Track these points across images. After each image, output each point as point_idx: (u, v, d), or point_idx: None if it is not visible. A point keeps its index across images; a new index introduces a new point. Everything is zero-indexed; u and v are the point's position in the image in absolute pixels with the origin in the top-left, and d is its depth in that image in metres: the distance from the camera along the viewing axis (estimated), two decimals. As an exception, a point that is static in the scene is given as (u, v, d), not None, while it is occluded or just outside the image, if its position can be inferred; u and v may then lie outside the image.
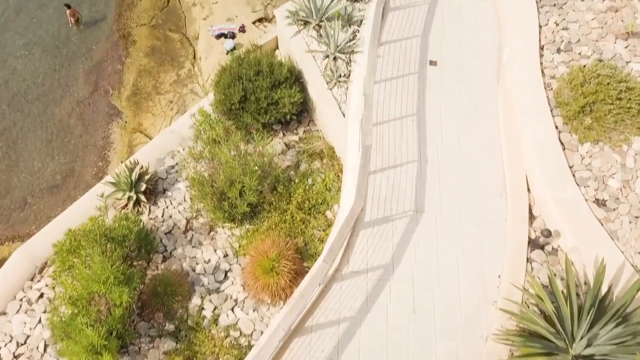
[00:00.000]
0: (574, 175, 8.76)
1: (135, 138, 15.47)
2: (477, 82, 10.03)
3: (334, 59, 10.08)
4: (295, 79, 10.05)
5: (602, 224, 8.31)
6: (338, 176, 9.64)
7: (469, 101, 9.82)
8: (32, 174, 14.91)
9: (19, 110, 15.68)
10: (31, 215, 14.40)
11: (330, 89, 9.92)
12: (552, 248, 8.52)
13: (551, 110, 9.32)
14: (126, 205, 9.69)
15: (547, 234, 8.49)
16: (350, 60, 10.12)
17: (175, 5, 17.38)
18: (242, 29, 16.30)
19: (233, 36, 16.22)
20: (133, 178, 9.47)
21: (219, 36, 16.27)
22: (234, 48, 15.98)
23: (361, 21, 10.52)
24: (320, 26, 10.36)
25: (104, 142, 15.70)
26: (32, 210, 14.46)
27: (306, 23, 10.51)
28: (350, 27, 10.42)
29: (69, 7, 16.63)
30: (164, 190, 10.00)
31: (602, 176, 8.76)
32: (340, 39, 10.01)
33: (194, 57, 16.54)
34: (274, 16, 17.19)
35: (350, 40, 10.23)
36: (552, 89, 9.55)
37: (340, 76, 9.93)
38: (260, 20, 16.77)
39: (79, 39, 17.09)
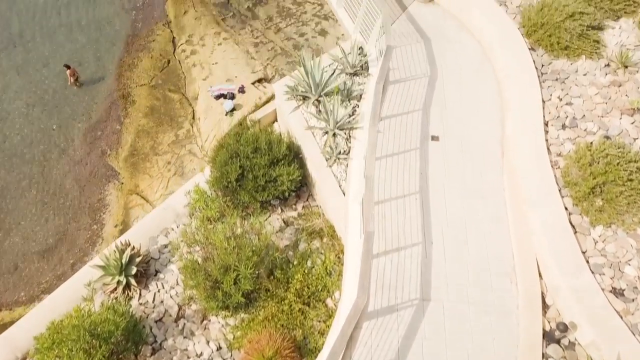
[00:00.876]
0: (587, 262, 8.10)
1: (131, 200, 14.83)
2: (480, 158, 9.50)
3: (334, 135, 9.57)
4: (294, 155, 9.51)
5: (621, 317, 7.59)
6: (339, 258, 8.97)
7: (473, 179, 9.26)
8: (24, 237, 14.21)
9: (15, 170, 15.11)
10: (21, 281, 13.61)
11: (330, 166, 9.37)
12: (569, 342, 7.77)
13: (559, 190, 8.75)
14: (115, 289, 8.96)
15: (564, 328, 7.76)
16: (350, 137, 9.62)
17: (175, 66, 17.07)
18: (242, 90, 15.96)
19: (232, 97, 15.86)
20: (123, 261, 8.78)
21: (218, 97, 15.92)
22: (234, 109, 15.60)
23: (361, 95, 10.08)
24: (319, 101, 9.91)
25: (99, 204, 15.05)
26: (22, 275, 13.68)
27: (305, 98, 10.06)
28: (349, 102, 9.98)
29: (68, 67, 16.33)
30: (156, 272, 9.29)
31: (618, 262, 8.10)
32: (339, 115, 9.53)
33: (193, 118, 16.10)
34: (273, 76, 16.94)
35: (350, 116, 9.75)
36: (559, 167, 9.01)
37: (340, 153, 9.40)
38: (259, 80, 16.45)
39: (78, 98, 16.70)
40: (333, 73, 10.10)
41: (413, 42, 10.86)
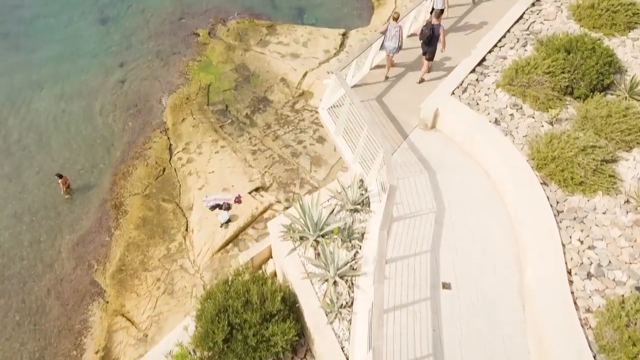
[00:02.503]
0: None
1: (115, 322, 13.19)
2: (500, 311, 8.12)
3: (334, 283, 8.22)
4: (290, 308, 8.10)
5: None
6: None
7: (493, 337, 7.81)
8: (-6, 364, 12.41)
9: (-8, 289, 13.58)
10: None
11: (331, 322, 7.94)
12: None
13: (594, 357, 7.27)
14: None
15: None
16: (352, 285, 8.27)
17: (170, 174, 16.05)
18: (238, 200, 14.85)
19: (228, 207, 14.72)
20: None
21: (213, 207, 14.78)
22: (229, 220, 14.41)
23: (362, 234, 8.86)
24: (317, 242, 8.65)
25: (81, 325, 13.42)
26: (-11, 413, 11.74)
27: (302, 238, 8.82)
28: (350, 242, 8.73)
29: (60, 176, 15.34)
30: None
31: None
32: (340, 259, 8.26)
33: (186, 230, 14.82)
34: (271, 184, 15.89)
35: (352, 260, 8.46)
36: (590, 327, 7.61)
37: (341, 306, 8.01)
38: (256, 189, 15.38)
39: (69, 208, 15.51)
40: (332, 211, 8.94)
41: (416, 173, 9.83)
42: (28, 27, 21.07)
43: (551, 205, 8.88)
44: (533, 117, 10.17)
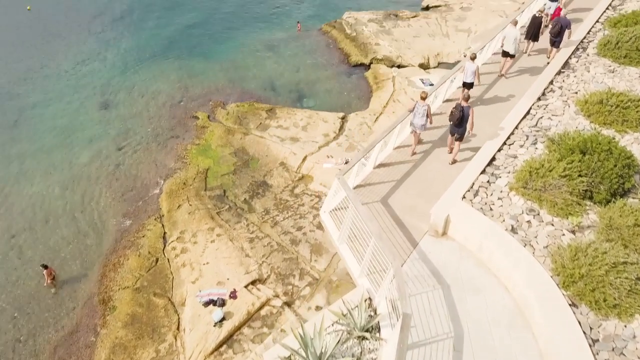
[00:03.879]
0: None
1: None
2: None
3: None
4: None
5: None
6: None
7: None
8: None
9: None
10: None
11: None
12: None
13: None
14: None
15: None
16: None
17: (163, 265, 14.74)
18: (233, 295, 13.50)
19: (223, 303, 13.37)
20: None
21: (207, 303, 13.44)
22: (223, 318, 13.00)
23: (373, 364, 7.43)
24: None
25: None
26: None
27: (304, 370, 7.38)
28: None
29: (46, 267, 14.18)
30: None
31: None
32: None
33: (178, 329, 13.33)
34: (268, 275, 14.53)
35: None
36: None
37: None
38: (253, 282, 14.00)
39: (55, 302, 14.17)
40: (338, 341, 7.55)
41: (429, 288, 8.60)
42: (26, 115, 20.48)
43: (584, 332, 7.53)
44: (552, 225, 9.07)
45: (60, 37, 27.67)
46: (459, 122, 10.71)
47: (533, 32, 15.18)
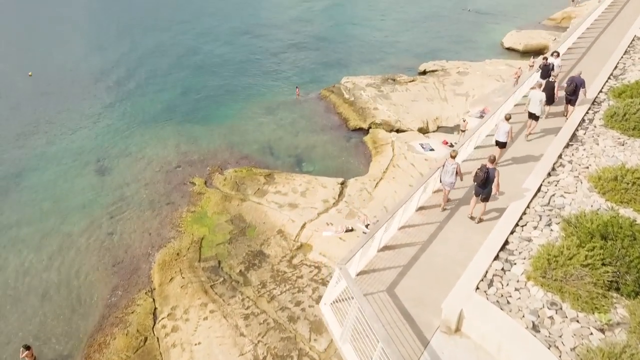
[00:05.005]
0: None
1: None
2: None
3: None
4: None
5: None
6: None
7: None
8: None
9: None
10: None
11: None
12: None
13: None
14: None
15: None
16: None
17: (152, 346, 13.43)
18: (226, 380, 11.92)
19: (214, 391, 11.76)
20: None
21: (197, 391, 11.82)
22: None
23: None
24: None
25: None
26: None
27: None
28: None
29: (28, 348, 12.77)
30: None
31: None
32: None
33: (163, 421, 11.67)
34: (264, 358, 13.08)
35: None
36: None
37: None
38: None
39: (33, 386, 12.50)
40: None
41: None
42: (21, 180, 19.63)
43: None
44: (578, 321, 7.97)
45: (59, 102, 27.60)
46: (483, 184, 10.71)
47: (547, 95, 15.41)
